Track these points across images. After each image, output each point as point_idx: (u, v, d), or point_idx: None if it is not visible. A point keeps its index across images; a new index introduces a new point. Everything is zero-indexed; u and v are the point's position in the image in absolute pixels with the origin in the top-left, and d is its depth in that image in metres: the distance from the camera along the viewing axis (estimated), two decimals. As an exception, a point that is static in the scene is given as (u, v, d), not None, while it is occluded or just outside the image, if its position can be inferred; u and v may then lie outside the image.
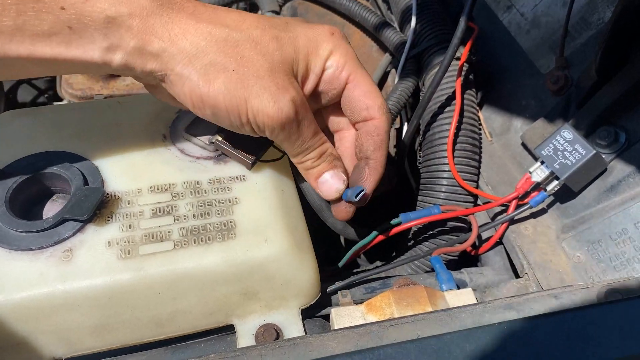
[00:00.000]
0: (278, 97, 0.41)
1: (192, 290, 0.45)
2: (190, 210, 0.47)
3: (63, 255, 0.44)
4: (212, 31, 0.40)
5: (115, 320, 0.44)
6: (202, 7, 0.42)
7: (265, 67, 0.41)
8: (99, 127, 0.52)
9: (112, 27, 0.38)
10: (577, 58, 0.62)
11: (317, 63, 0.45)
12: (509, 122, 0.68)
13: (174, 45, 0.39)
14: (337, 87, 0.46)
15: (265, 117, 0.41)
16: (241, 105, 0.41)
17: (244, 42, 0.41)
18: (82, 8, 0.37)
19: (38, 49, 0.37)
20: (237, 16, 0.43)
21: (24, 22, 0.36)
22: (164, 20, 0.39)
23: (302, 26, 0.45)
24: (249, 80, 0.41)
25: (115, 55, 0.39)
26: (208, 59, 0.40)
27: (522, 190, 0.57)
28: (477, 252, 0.61)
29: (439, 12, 0.73)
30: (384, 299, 0.46)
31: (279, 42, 0.42)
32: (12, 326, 0.42)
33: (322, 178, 0.48)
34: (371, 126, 0.47)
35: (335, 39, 0.45)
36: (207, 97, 0.41)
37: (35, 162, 0.48)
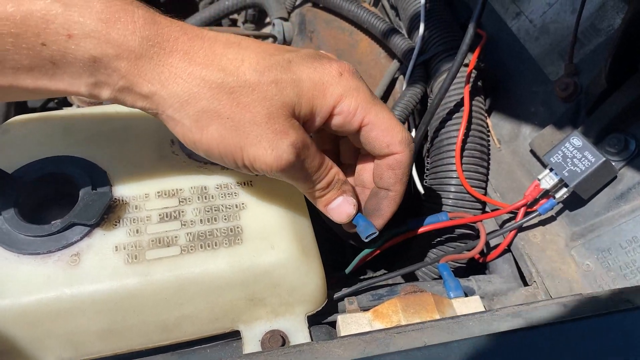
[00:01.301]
0: (276, 143, 0.39)
1: (199, 296, 0.45)
2: (197, 216, 0.48)
3: (70, 260, 0.44)
4: (205, 76, 0.38)
5: (122, 325, 0.44)
6: (199, 42, 0.39)
7: (262, 113, 0.39)
8: (108, 132, 0.53)
9: (97, 66, 0.36)
10: (587, 65, 0.61)
11: (323, 107, 0.42)
12: (517, 129, 0.67)
13: (164, 89, 0.38)
14: (351, 130, 0.44)
15: (263, 164, 0.40)
16: (236, 153, 0.40)
17: (240, 88, 0.38)
18: (65, 46, 0.35)
19: (20, 80, 0.36)
20: (235, 55, 0.39)
21: (3, 56, 0.34)
22: (153, 63, 0.37)
23: (307, 66, 0.41)
24: (245, 128, 0.39)
25: (102, 91, 0.38)
26: (200, 106, 0.38)
27: (531, 198, 0.57)
28: (485, 260, 0.61)
29: (447, 19, 0.73)
30: (391, 306, 0.45)
31: (278, 85, 0.39)
32: (19, 330, 0.42)
33: (332, 204, 0.46)
34: (393, 160, 0.45)
35: (344, 80, 0.42)
36: (200, 143, 0.40)
37: (44, 167, 0.48)
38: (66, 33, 0.34)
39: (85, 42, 0.35)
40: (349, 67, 0.43)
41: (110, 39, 0.35)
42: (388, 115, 0.44)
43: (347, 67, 0.43)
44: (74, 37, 0.35)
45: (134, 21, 0.36)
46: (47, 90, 0.37)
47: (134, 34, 0.36)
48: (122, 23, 0.36)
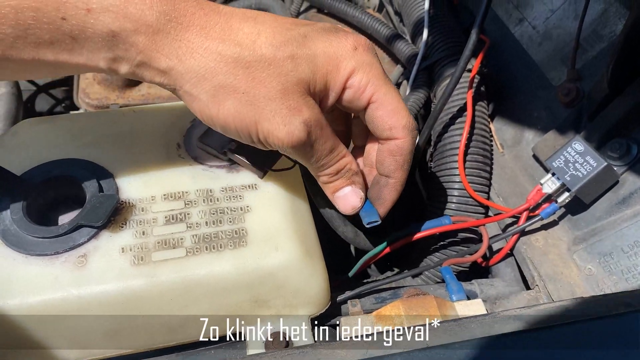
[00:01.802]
0: (289, 119, 0.39)
1: (204, 297, 0.46)
2: (202, 218, 0.48)
3: (77, 261, 0.45)
4: (222, 50, 0.38)
5: (128, 326, 0.45)
6: (215, 17, 0.39)
7: (277, 88, 0.39)
8: (115, 135, 0.53)
9: (116, 41, 0.37)
10: (589, 70, 0.62)
11: (336, 82, 0.42)
12: (520, 134, 0.68)
13: (181, 64, 0.38)
14: (360, 106, 0.44)
15: (276, 139, 0.40)
16: (251, 127, 0.40)
17: (256, 63, 0.39)
18: (84, 20, 0.35)
19: (41, 54, 0.36)
20: (251, 29, 0.40)
21: (24, 30, 0.35)
22: (171, 37, 0.37)
23: (322, 40, 0.41)
24: (260, 103, 0.39)
25: (121, 66, 0.38)
26: (217, 81, 0.38)
27: (533, 202, 0.57)
28: (488, 264, 0.61)
29: (450, 25, 0.74)
30: (394, 309, 0.46)
31: (294, 61, 0.39)
32: (26, 329, 0.43)
33: (340, 192, 0.47)
34: (394, 145, 0.45)
35: (359, 54, 0.42)
36: (217, 118, 0.40)
37: (52, 170, 0.49)
38: (85, 7, 0.35)
39: (103, 17, 0.35)
40: (364, 42, 0.43)
41: (128, 13, 0.36)
42: (396, 97, 0.44)
43: (363, 42, 0.43)
44: (93, 11, 0.35)
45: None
46: (67, 64, 0.38)
47: (152, 8, 0.36)
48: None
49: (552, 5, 0.68)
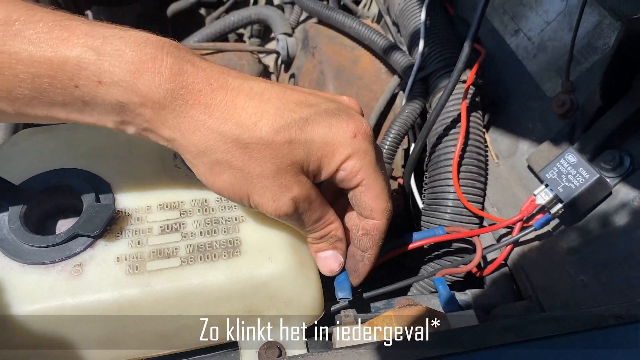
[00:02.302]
0: (279, 196, 0.42)
1: (198, 306, 0.46)
2: (197, 228, 0.49)
3: (73, 270, 0.45)
4: (222, 130, 0.40)
5: (122, 334, 0.45)
6: (221, 94, 0.41)
7: (272, 168, 0.41)
8: (112, 145, 0.54)
9: (124, 110, 0.39)
10: (583, 82, 0.62)
11: (330, 166, 0.44)
12: (515, 145, 0.68)
13: (184, 138, 0.40)
14: (349, 186, 0.46)
15: (264, 210, 0.44)
16: (244, 197, 0.43)
17: (253, 144, 0.41)
18: (95, 90, 0.38)
19: (53, 112, 0.39)
20: (255, 109, 0.41)
21: (39, 92, 0.37)
22: (175, 113, 0.39)
23: (323, 125, 0.43)
24: (253, 179, 0.42)
25: (128, 128, 0.41)
26: (215, 157, 0.41)
27: (527, 213, 0.57)
28: (482, 274, 0.61)
29: (446, 36, 0.74)
30: (386, 319, 0.46)
31: (291, 145, 0.42)
32: (21, 338, 0.43)
33: (322, 254, 0.50)
34: (371, 225, 0.47)
35: (357, 141, 0.44)
36: (212, 186, 0.43)
37: (49, 179, 0.50)
38: (97, 80, 0.37)
39: (113, 89, 0.38)
40: (364, 129, 0.45)
41: (137, 89, 0.38)
42: (382, 184, 0.46)
43: (363, 129, 0.44)
44: (104, 84, 0.37)
45: (160, 73, 0.38)
46: (78, 121, 0.40)
47: (160, 86, 0.38)
48: (149, 74, 0.38)
49: (547, 17, 0.69)
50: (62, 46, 0.37)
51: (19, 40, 0.36)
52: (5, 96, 0.38)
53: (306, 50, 0.88)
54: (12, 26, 0.36)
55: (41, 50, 0.36)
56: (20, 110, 0.39)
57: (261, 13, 1.01)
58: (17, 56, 0.36)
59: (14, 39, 0.36)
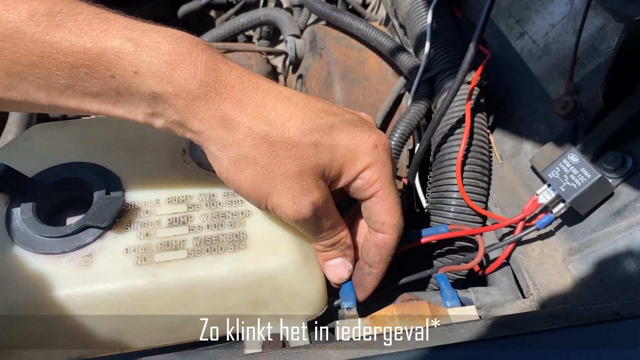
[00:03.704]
0: (299, 198, 0.43)
1: (203, 298, 0.47)
2: (204, 221, 0.50)
3: (83, 260, 0.46)
4: (252, 126, 0.41)
5: (129, 324, 0.46)
6: (252, 93, 0.42)
7: (295, 169, 0.42)
8: (123, 140, 0.55)
9: (157, 100, 0.40)
10: (587, 84, 0.63)
11: (350, 172, 0.45)
12: (519, 146, 0.69)
13: (212, 131, 0.41)
14: (363, 196, 0.47)
15: (282, 213, 0.44)
16: (262, 197, 0.43)
17: (281, 143, 0.42)
18: (130, 80, 0.39)
19: (85, 104, 0.40)
20: (284, 110, 0.42)
21: (75, 82, 0.39)
22: (207, 106, 0.40)
23: (347, 133, 0.44)
24: (276, 178, 0.42)
25: (157, 120, 0.42)
26: (241, 152, 0.41)
27: (529, 212, 0.58)
28: (484, 272, 0.62)
29: (452, 37, 0.75)
30: (388, 313, 0.47)
31: (316, 148, 0.43)
32: (32, 326, 0.45)
33: (330, 262, 0.50)
34: (381, 239, 0.48)
35: (377, 152, 0.45)
36: (233, 181, 0.43)
37: (61, 172, 0.51)
38: (134, 70, 0.38)
39: (149, 79, 0.39)
40: (384, 141, 0.46)
41: (172, 79, 0.39)
42: (395, 198, 0.47)
43: (383, 141, 0.46)
44: (140, 74, 0.38)
45: (196, 65, 0.40)
46: (107, 114, 0.41)
47: (195, 78, 0.39)
48: (185, 66, 0.39)
49: (552, 20, 0.69)
50: (102, 37, 0.38)
51: (61, 31, 0.37)
52: (43, 85, 0.39)
53: (314, 51, 0.89)
54: (55, 17, 0.37)
55: (81, 41, 0.37)
56: (54, 101, 0.40)
57: (270, 15, 1.02)
58: (57, 46, 0.37)
59: (55, 30, 0.37)
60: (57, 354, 0.46)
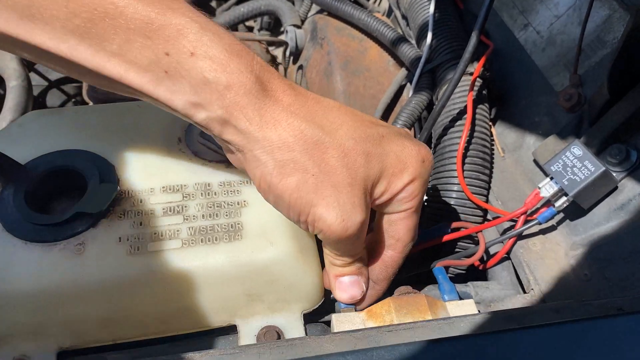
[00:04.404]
0: (350, 216, 0.40)
1: (197, 289, 0.46)
2: (199, 211, 0.49)
3: (75, 249, 0.45)
4: (304, 130, 0.39)
5: (122, 314, 0.46)
6: (303, 99, 0.41)
7: (346, 181, 0.40)
8: (118, 128, 0.54)
9: (205, 88, 0.37)
10: (591, 76, 0.62)
11: (397, 184, 0.43)
12: (521, 139, 0.68)
13: (260, 131, 0.38)
14: (395, 209, 0.45)
15: (325, 227, 0.40)
16: (305, 207, 0.40)
17: (333, 150, 0.40)
18: (184, 61, 0.37)
19: (128, 77, 0.37)
20: (335, 118, 0.41)
21: (127, 50, 0.36)
22: (259, 104, 0.38)
23: (397, 143, 0.43)
24: (326, 190, 0.39)
25: (198, 113, 0.38)
26: (291, 156, 0.39)
27: (531, 206, 0.57)
28: (485, 267, 0.61)
29: (455, 29, 0.74)
30: (384, 306, 0.46)
31: (367, 158, 0.41)
32: (23, 314, 0.44)
33: (345, 279, 0.47)
34: (389, 257, 0.47)
35: (424, 168, 0.44)
36: (275, 187, 0.40)
37: (55, 159, 0.50)
38: (191, 50, 0.37)
39: (203, 63, 0.37)
40: (430, 157, 0.45)
41: (228, 67, 0.37)
42: (418, 219, 0.46)
43: (430, 157, 0.45)
44: (196, 55, 0.37)
45: (253, 62, 0.38)
46: (146, 94, 0.38)
47: (251, 72, 0.38)
48: (243, 59, 0.38)
49: (556, 11, 0.68)
50: (169, 13, 0.36)
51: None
52: (94, 45, 0.36)
53: (315, 41, 0.88)
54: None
55: (148, 11, 0.36)
56: (98, 65, 0.37)
57: (271, 5, 1.01)
58: (123, 9, 0.35)
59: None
60: (49, 344, 0.45)
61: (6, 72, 0.70)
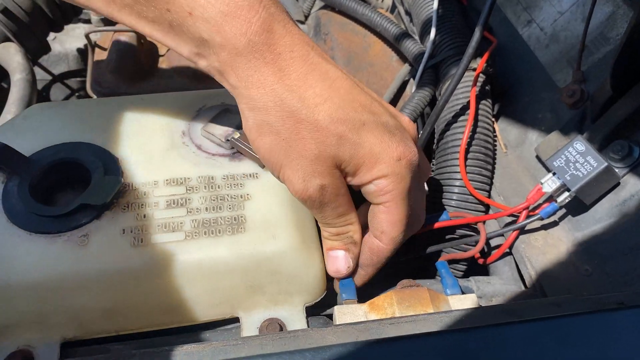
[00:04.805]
0: (309, 178, 0.42)
1: (200, 281, 0.47)
2: (203, 204, 0.49)
3: (79, 240, 0.46)
4: (285, 98, 0.41)
5: (125, 306, 0.46)
6: (297, 65, 0.41)
7: (314, 152, 0.41)
8: (122, 121, 0.55)
9: (203, 45, 0.40)
10: (594, 73, 0.62)
11: (365, 176, 0.44)
12: (524, 135, 0.68)
13: (246, 90, 0.41)
14: (372, 201, 0.46)
15: (291, 187, 0.43)
16: (275, 166, 0.43)
17: (307, 122, 0.41)
18: (184, 18, 0.39)
19: (140, 25, 0.41)
20: (322, 91, 0.41)
21: (133, 3, 0.40)
22: (248, 65, 0.40)
23: (376, 135, 0.43)
24: (293, 154, 0.42)
25: (200, 61, 0.42)
26: (267, 118, 0.41)
27: (533, 201, 0.57)
28: (486, 262, 0.61)
29: (458, 25, 0.74)
30: (387, 299, 0.46)
31: (340, 140, 0.42)
32: (27, 305, 0.44)
33: (332, 253, 0.49)
34: (376, 245, 0.48)
35: (398, 165, 0.43)
36: (254, 142, 0.43)
37: (59, 152, 0.51)
38: (188, 11, 0.39)
39: (200, 24, 0.39)
40: (410, 156, 0.44)
41: (222, 30, 0.39)
42: (403, 213, 0.46)
43: (409, 156, 0.44)
44: (194, 16, 0.39)
45: (250, 23, 0.39)
46: (159, 41, 0.42)
47: (244, 35, 0.39)
48: (239, 21, 0.39)
49: (560, 8, 0.68)
50: None
51: None
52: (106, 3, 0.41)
53: (318, 37, 0.88)
54: None
55: None
56: (112, 14, 0.42)
57: (274, 0, 1.01)
58: None
59: None
60: (52, 334, 0.45)
61: (11, 65, 0.70)
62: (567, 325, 0.38)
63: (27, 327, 0.45)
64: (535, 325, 0.38)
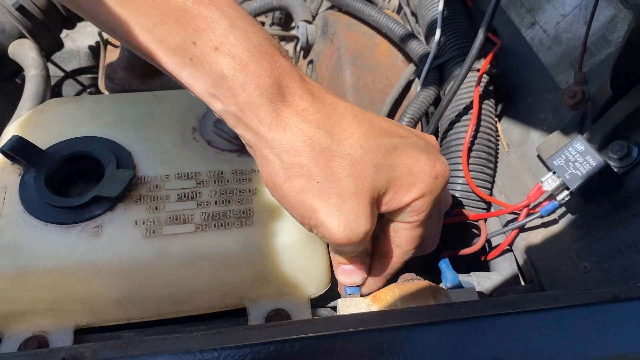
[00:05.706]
0: (352, 225, 0.40)
1: (210, 271, 0.48)
2: (212, 197, 0.51)
3: (93, 231, 0.48)
4: (313, 136, 0.39)
5: (136, 295, 0.48)
6: (319, 105, 0.40)
7: (351, 190, 0.40)
8: (135, 117, 0.56)
9: (223, 83, 0.38)
10: (596, 74, 0.63)
11: (404, 198, 0.42)
12: (526, 134, 0.69)
13: (270, 133, 0.39)
14: (401, 219, 0.45)
15: (327, 233, 0.41)
16: (307, 211, 0.40)
17: (340, 159, 0.39)
18: (207, 53, 0.37)
19: (158, 54, 0.39)
20: (348, 126, 0.41)
21: (159, 31, 0.38)
22: (272, 107, 0.38)
23: (410, 156, 0.42)
24: (330, 196, 0.40)
25: (214, 103, 0.39)
26: (297, 160, 0.39)
27: (533, 199, 0.58)
28: (487, 258, 0.63)
29: (463, 26, 0.75)
30: (389, 292, 0.48)
31: (376, 168, 0.40)
32: (43, 292, 0.46)
33: (346, 266, 0.48)
34: (387, 259, 0.47)
35: (436, 183, 0.43)
36: (280, 188, 0.41)
37: (74, 146, 0.52)
38: (215, 45, 0.37)
39: (225, 59, 0.37)
40: (445, 173, 0.44)
41: (248, 68, 0.38)
42: (424, 232, 0.46)
43: (445, 173, 0.44)
44: (220, 51, 0.37)
45: (275, 65, 0.38)
46: (172, 74, 0.40)
47: (269, 76, 0.38)
48: (264, 62, 0.38)
49: (563, 10, 0.69)
50: (203, 5, 0.37)
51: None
52: (128, 17, 0.38)
53: (325, 36, 0.89)
54: None
55: None
56: (131, 39, 0.39)
57: (282, 0, 1.03)
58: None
59: None
60: (66, 321, 0.47)
61: (25, 61, 0.72)
62: (563, 316, 0.39)
63: (42, 314, 0.46)
64: (532, 315, 0.39)
